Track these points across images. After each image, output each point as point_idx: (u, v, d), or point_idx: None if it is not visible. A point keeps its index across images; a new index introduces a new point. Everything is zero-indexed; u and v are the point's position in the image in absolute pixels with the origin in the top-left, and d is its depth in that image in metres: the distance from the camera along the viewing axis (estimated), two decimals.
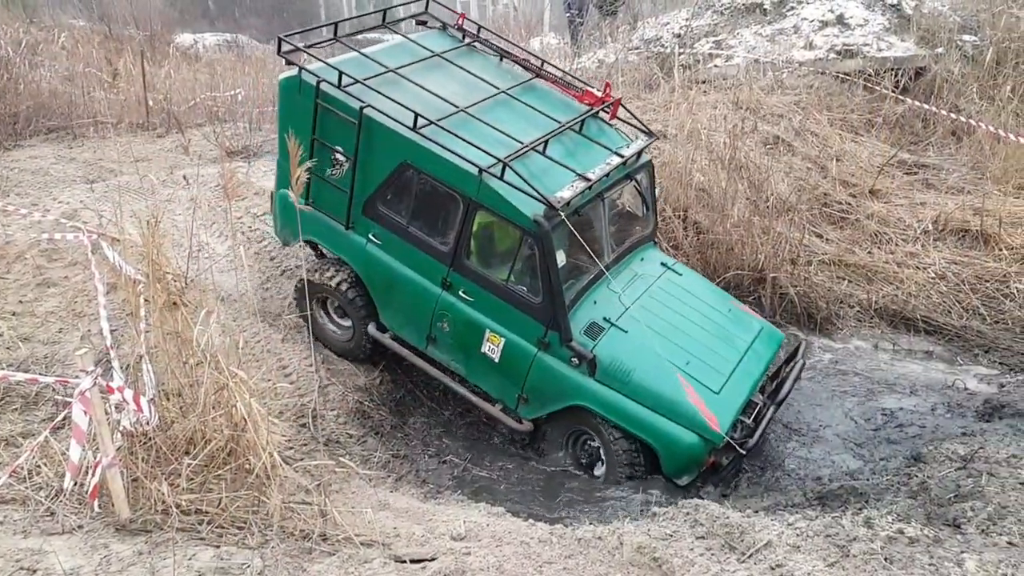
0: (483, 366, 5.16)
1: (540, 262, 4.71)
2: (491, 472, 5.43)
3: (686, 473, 4.87)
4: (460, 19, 6.21)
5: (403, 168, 4.98)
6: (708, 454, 4.79)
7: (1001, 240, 7.32)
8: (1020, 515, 3.33)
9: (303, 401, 5.29)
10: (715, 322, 5.32)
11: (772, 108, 9.37)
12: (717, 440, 4.72)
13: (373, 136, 4.98)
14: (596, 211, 5.12)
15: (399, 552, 3.67)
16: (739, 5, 11.86)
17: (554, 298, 4.76)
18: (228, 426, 3.98)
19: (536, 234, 4.64)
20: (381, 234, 5.26)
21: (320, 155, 5.22)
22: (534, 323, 4.89)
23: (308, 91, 5.08)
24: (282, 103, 5.47)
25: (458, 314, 5.09)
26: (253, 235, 6.85)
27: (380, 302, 5.49)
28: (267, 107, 10.19)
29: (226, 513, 3.74)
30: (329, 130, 5.15)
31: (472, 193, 4.78)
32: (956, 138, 9.46)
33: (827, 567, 3.04)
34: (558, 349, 4.88)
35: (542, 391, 5.05)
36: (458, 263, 5.01)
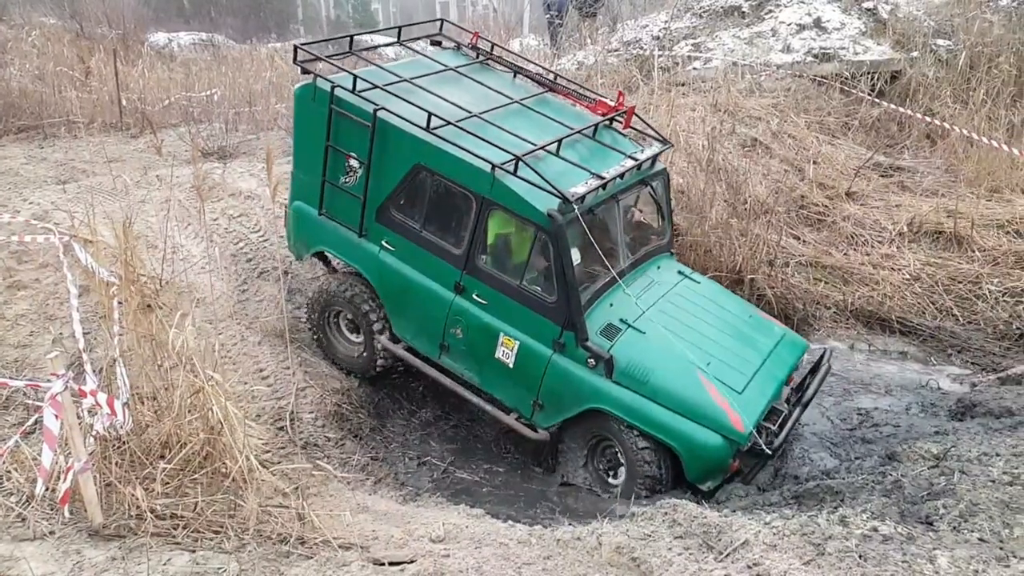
0: (497, 373, 5.04)
1: (554, 258, 4.64)
2: (474, 475, 5.43)
3: (710, 478, 4.68)
4: (474, 37, 6.28)
5: (416, 171, 4.98)
6: (733, 457, 4.60)
7: (974, 242, 7.43)
8: (991, 512, 3.38)
9: (280, 404, 5.25)
10: (736, 327, 5.19)
11: (750, 111, 9.45)
12: (742, 441, 4.53)
13: (387, 139, 4.99)
14: (611, 213, 5.06)
15: (377, 555, 3.65)
16: (718, 8, 11.95)
17: (569, 296, 4.66)
18: (204, 429, 3.95)
19: (550, 229, 4.59)
20: (394, 240, 5.24)
21: (334, 162, 5.27)
22: (549, 324, 4.79)
23: (323, 98, 5.13)
24: (297, 113, 5.50)
25: (471, 319, 5.02)
26: (229, 237, 6.78)
27: (393, 311, 5.43)
28: (243, 107, 10.11)
29: (202, 517, 3.70)
30: (343, 136, 5.17)
31: (485, 191, 4.74)
32: (930, 141, 9.60)
33: (803, 565, 3.06)
34: (574, 350, 4.77)
35: (558, 396, 4.90)
36: (471, 266, 4.96)
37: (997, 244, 7.37)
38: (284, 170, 7.93)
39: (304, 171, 5.53)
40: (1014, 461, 3.92)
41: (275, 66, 12.58)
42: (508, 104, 5.33)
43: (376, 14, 34.63)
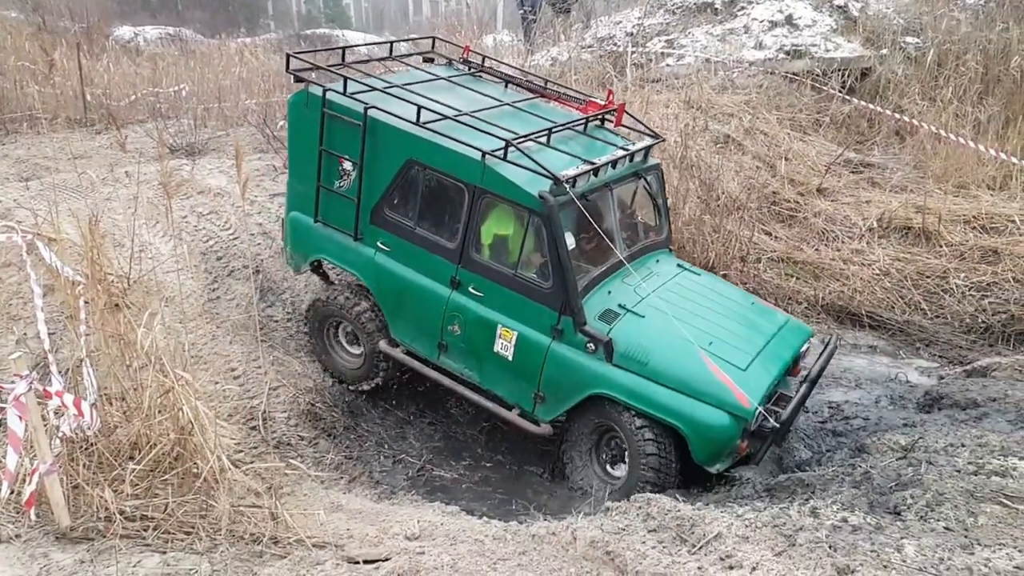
0: (496, 368, 5.00)
1: (548, 241, 4.62)
2: (451, 472, 5.42)
3: (718, 459, 4.54)
4: (465, 51, 6.33)
5: (408, 166, 5.00)
6: (741, 436, 4.48)
7: (941, 237, 7.57)
8: (956, 501, 3.44)
9: (252, 403, 5.20)
10: (738, 312, 5.15)
11: (723, 107, 9.53)
12: (749, 416, 4.40)
13: (378, 137, 5.02)
14: (604, 201, 5.03)
15: (352, 553, 3.63)
16: (691, 5, 12.03)
17: (565, 279, 4.62)
18: (174, 430, 3.89)
19: (542, 212, 4.58)
20: (389, 241, 5.23)
21: (328, 167, 5.30)
22: (546, 311, 4.74)
23: (315, 103, 5.19)
24: (291, 122, 5.54)
25: (468, 313, 4.99)
26: (199, 235, 6.69)
27: (390, 313, 5.39)
28: (212, 103, 9.98)
29: (173, 518, 3.64)
30: (336, 139, 5.20)
31: (476, 180, 4.74)
32: (900, 138, 9.76)
33: (774, 556, 3.10)
34: (572, 336, 4.71)
35: (558, 384, 4.83)
36: (466, 259, 4.94)
37: (964, 239, 7.50)
38: (254, 167, 7.87)
39: (299, 180, 5.56)
40: (979, 451, 4.00)
41: (245, 61, 12.41)
42: (499, 106, 5.36)
43: (348, 9, 34.38)
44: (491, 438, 5.78)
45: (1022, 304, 6.74)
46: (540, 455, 5.53)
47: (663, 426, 4.58)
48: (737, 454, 4.56)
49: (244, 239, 6.70)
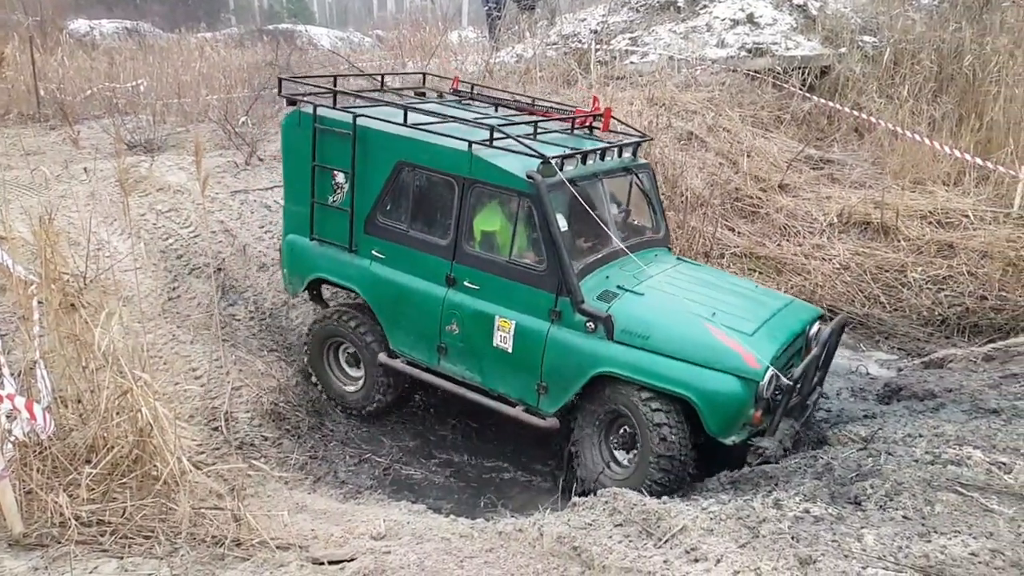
0: (497, 364, 4.93)
1: (539, 220, 4.61)
2: (420, 470, 5.39)
3: (732, 429, 4.37)
4: (454, 83, 6.41)
5: (399, 169, 5.05)
6: (755, 402, 4.32)
7: (899, 232, 7.73)
8: (914, 491, 3.51)
9: (214, 404, 5.11)
10: (740, 292, 5.12)
11: (686, 105, 9.62)
12: (759, 377, 4.26)
13: (368, 144, 5.09)
14: (595, 190, 5.02)
15: (317, 554, 3.58)
16: (654, 3, 12.12)
17: (559, 255, 4.59)
18: (132, 432, 3.80)
19: (531, 192, 4.58)
20: (384, 248, 5.23)
21: (321, 182, 5.35)
22: (543, 294, 4.69)
23: (307, 121, 5.28)
24: (285, 143, 5.60)
25: (466, 309, 4.95)
26: (158, 232, 6.55)
27: (388, 323, 5.34)
28: (172, 99, 9.79)
29: (131, 523, 3.56)
30: (328, 152, 5.27)
31: (465, 171, 4.78)
32: (858, 135, 9.95)
33: (739, 548, 3.13)
34: (571, 317, 4.63)
35: (560, 371, 4.72)
36: (460, 253, 4.93)
37: (920, 234, 7.67)
38: (215, 163, 7.74)
39: (295, 202, 5.58)
40: (935, 441, 4.09)
41: (206, 56, 12.20)
42: (487, 118, 5.38)
43: (311, 4, 33.98)
44: (462, 436, 5.76)
45: (976, 297, 6.91)
46: (512, 452, 5.52)
47: (672, 400, 4.44)
48: (752, 424, 4.40)
49: (205, 237, 6.59)
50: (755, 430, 4.45)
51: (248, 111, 8.65)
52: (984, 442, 3.95)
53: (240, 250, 6.67)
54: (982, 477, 3.61)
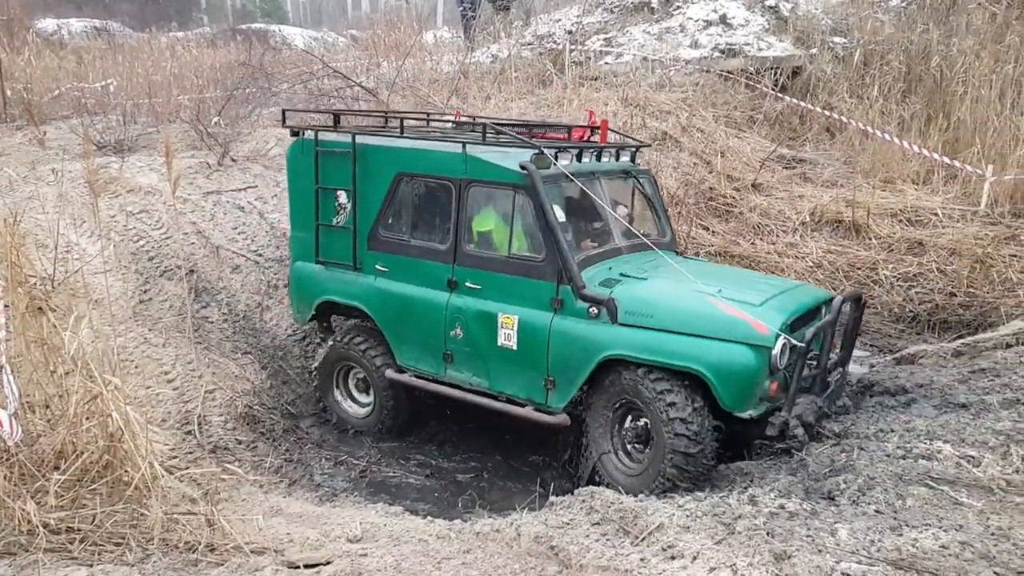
0: (503, 363, 4.89)
1: (535, 209, 4.63)
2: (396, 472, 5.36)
3: (748, 402, 4.22)
4: (456, 115, 6.54)
5: (398, 180, 5.16)
6: (769, 372, 4.20)
7: (870, 230, 7.83)
8: (886, 485, 3.56)
9: (187, 407, 5.04)
10: (747, 277, 5.05)
11: (660, 105, 9.67)
12: (770, 343, 4.15)
13: (368, 160, 5.24)
14: (593, 188, 5.03)
15: (292, 558, 3.55)
16: (628, 4, 12.18)
17: (557, 242, 4.59)
18: (102, 437, 3.74)
19: (525, 183, 4.63)
20: (386, 261, 5.30)
21: (325, 204, 5.48)
22: (544, 284, 4.68)
23: (309, 147, 5.46)
24: (290, 171, 5.75)
25: (469, 311, 4.95)
26: (129, 234, 6.45)
27: (394, 337, 5.34)
28: (142, 99, 9.64)
29: (101, 529, 3.50)
30: (330, 173, 5.41)
31: (460, 172, 4.87)
32: (830, 134, 10.06)
33: (714, 545, 3.15)
34: (573, 305, 4.60)
35: (566, 361, 4.65)
36: (460, 255, 4.96)
37: (891, 232, 7.78)
38: (187, 164, 7.64)
39: (301, 228, 5.69)
40: (907, 436, 4.15)
41: (177, 56, 12.04)
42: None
43: (284, 4, 33.71)
44: (440, 437, 5.74)
45: (945, 294, 7.02)
46: (492, 453, 5.51)
47: (684, 382, 4.32)
48: (768, 397, 4.27)
49: (177, 238, 6.50)
50: (773, 404, 4.31)
51: (221, 111, 8.55)
52: (954, 436, 4.01)
53: (213, 252, 6.59)
54: (952, 471, 3.67)
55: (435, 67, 11.46)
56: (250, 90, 9.09)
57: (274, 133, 8.63)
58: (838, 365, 4.96)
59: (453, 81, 10.43)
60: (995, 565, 2.78)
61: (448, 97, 9.86)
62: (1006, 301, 6.50)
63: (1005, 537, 2.96)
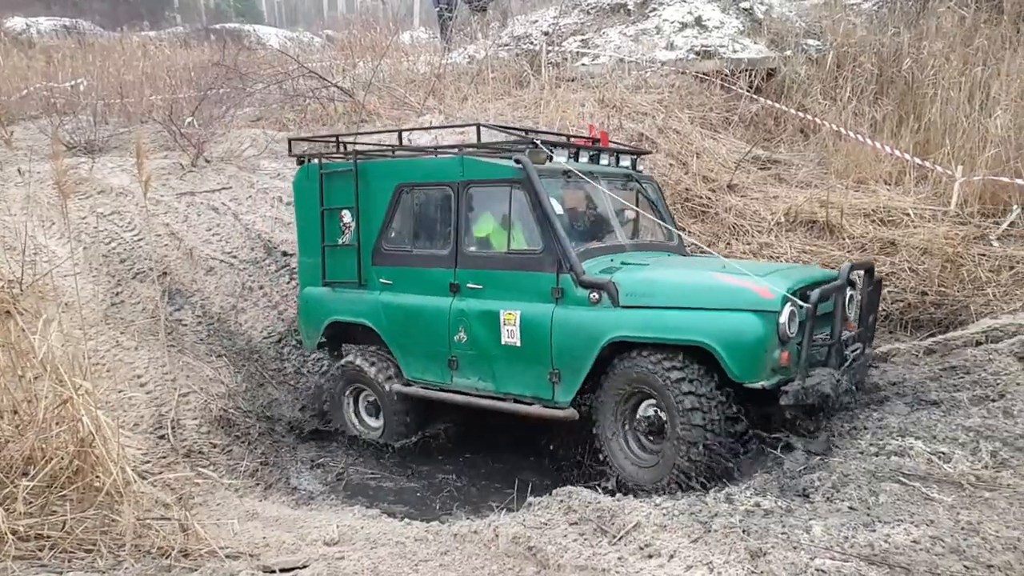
0: (508, 363, 4.86)
1: (531, 200, 4.66)
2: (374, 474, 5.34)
3: (759, 371, 4.08)
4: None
5: (399, 192, 5.27)
6: (778, 341, 4.09)
7: (844, 230, 7.91)
8: (859, 482, 3.61)
9: (161, 411, 4.98)
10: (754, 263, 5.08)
11: (637, 106, 9.71)
12: (775, 306, 4.07)
13: (369, 177, 5.38)
14: (593, 188, 5.08)
15: (268, 562, 3.51)
16: (604, 5, 12.21)
17: (554, 231, 4.59)
18: (73, 442, 3.67)
19: (520, 176, 4.68)
20: (390, 274, 5.37)
21: (330, 225, 5.61)
22: (543, 276, 4.67)
23: (314, 172, 5.64)
24: (297, 197, 5.93)
25: (471, 313, 4.94)
26: (100, 236, 6.36)
27: (400, 350, 5.34)
28: (114, 99, 9.50)
29: (72, 536, 3.44)
30: (334, 194, 5.56)
31: (458, 176, 4.95)
32: (804, 135, 10.16)
33: (691, 543, 3.17)
34: (574, 293, 4.57)
35: (570, 350, 4.59)
36: (461, 257, 5.00)
37: (864, 232, 7.87)
38: (160, 165, 7.55)
39: (308, 253, 5.80)
40: (879, 433, 4.20)
41: (149, 55, 11.89)
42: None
43: (259, 3, 33.43)
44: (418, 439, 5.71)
45: (917, 293, 7.12)
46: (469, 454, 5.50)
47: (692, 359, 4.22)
48: (780, 367, 4.15)
49: (149, 240, 6.41)
50: (787, 376, 4.19)
51: (194, 112, 8.45)
52: (925, 433, 4.07)
53: (187, 253, 6.52)
54: (923, 467, 3.73)
55: (412, 67, 11.42)
56: (224, 90, 8.99)
57: (248, 134, 8.55)
58: (857, 341, 4.79)
59: (429, 82, 10.40)
60: (965, 559, 2.83)
61: (424, 98, 9.84)
62: (976, 300, 6.60)
63: (974, 531, 3.01)
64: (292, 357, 6.26)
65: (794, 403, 4.09)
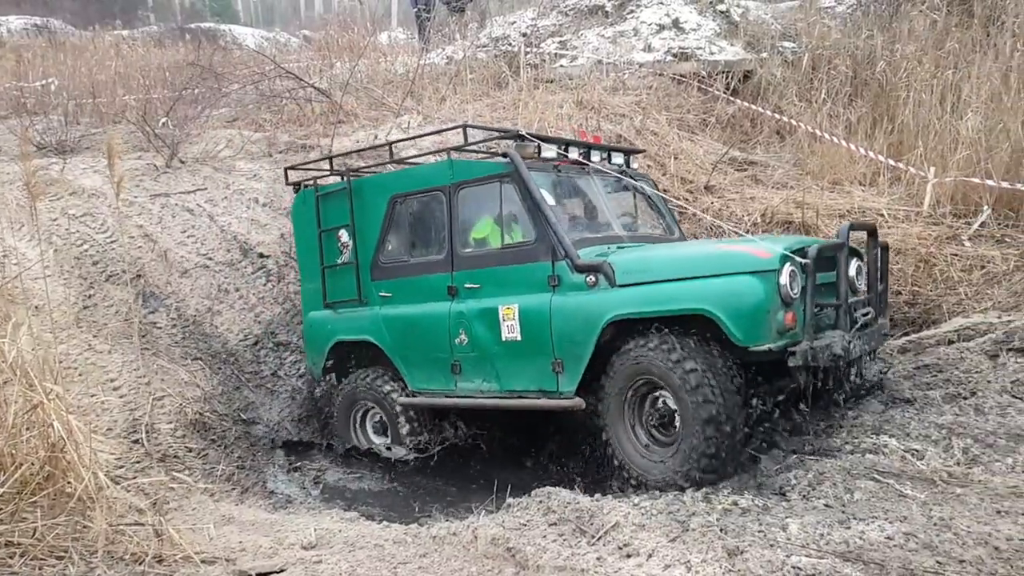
0: (510, 360, 4.81)
1: (521, 192, 4.68)
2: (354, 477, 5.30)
3: (764, 333, 3.95)
4: None
5: (393, 203, 5.33)
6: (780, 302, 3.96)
7: (819, 231, 7.98)
8: (835, 479, 3.65)
9: (135, 415, 4.91)
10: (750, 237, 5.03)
11: (615, 108, 9.74)
12: (774, 264, 3.97)
13: (363, 193, 5.46)
14: (588, 184, 5.13)
15: (244, 567, 3.48)
16: (582, 7, 12.25)
17: (545, 218, 4.58)
18: (44, 448, 3.61)
19: (508, 170, 4.71)
20: (389, 287, 5.39)
21: (328, 247, 5.66)
22: (538, 266, 4.65)
23: (310, 196, 5.74)
24: (296, 223, 6.04)
25: (471, 313, 4.92)
26: (72, 238, 6.25)
27: (404, 363, 5.31)
28: (86, 99, 9.36)
29: (43, 543, 3.38)
30: (330, 215, 5.63)
31: (448, 180, 5.00)
32: (780, 137, 10.25)
33: (669, 542, 3.18)
34: (570, 278, 4.53)
35: (570, 336, 4.52)
36: (457, 259, 5.01)
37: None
38: (134, 166, 7.44)
39: (309, 279, 5.85)
40: (854, 431, 4.26)
41: (122, 55, 11.73)
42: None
43: (235, 3, 33.14)
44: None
45: (892, 292, 7.20)
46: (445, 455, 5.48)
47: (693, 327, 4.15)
48: (786, 329, 4.00)
49: (123, 242, 6.32)
50: (794, 338, 4.03)
51: (169, 112, 8.34)
52: (899, 431, 4.13)
53: (161, 255, 6.44)
54: (897, 464, 3.78)
55: (389, 68, 11.37)
56: (199, 91, 8.88)
57: (224, 135, 8.47)
58: (867, 305, 4.67)
59: (407, 83, 10.36)
60: (937, 554, 2.86)
61: (403, 99, 9.80)
62: (948, 299, 6.69)
63: (947, 527, 3.05)
64: (269, 360, 6.20)
65: (803, 364, 3.96)
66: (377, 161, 6.00)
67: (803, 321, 4.04)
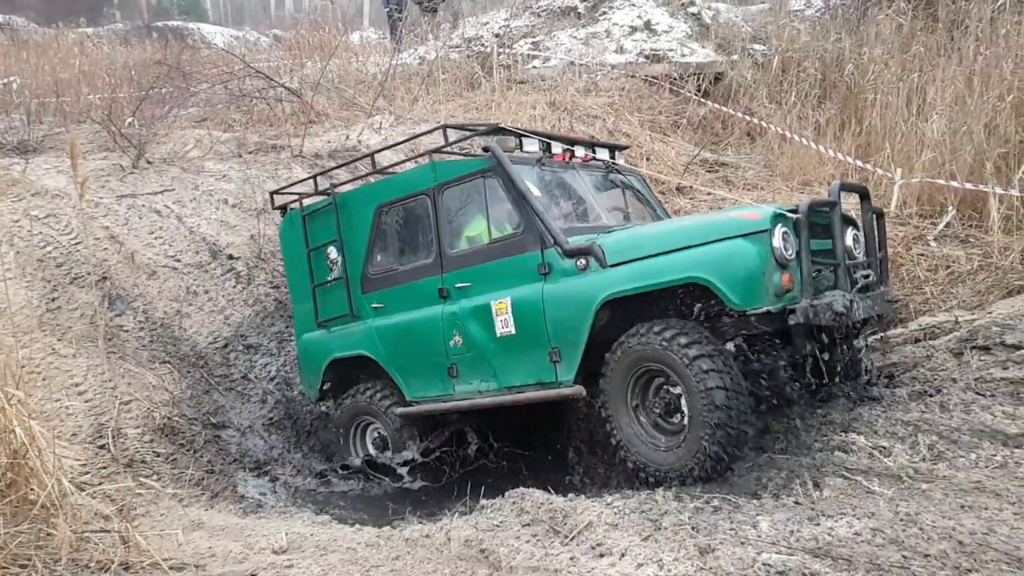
0: (506, 355, 4.73)
1: (504, 184, 4.66)
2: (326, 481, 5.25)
3: (760, 294, 3.86)
4: None
5: (379, 213, 5.30)
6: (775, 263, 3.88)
7: None
8: (804, 477, 3.70)
9: (101, 420, 4.82)
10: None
11: (587, 109, 9.78)
12: (765, 225, 3.91)
13: (349, 206, 5.44)
14: (574, 178, 5.09)
15: (214, 572, 3.44)
16: (555, 8, 12.29)
17: (531, 206, 4.54)
18: (6, 454, 3.53)
19: (490, 164, 4.70)
20: (380, 298, 5.31)
21: (318, 265, 5.63)
22: (528, 256, 4.60)
23: (296, 217, 5.73)
24: (284, 246, 6.04)
25: (463, 313, 4.85)
26: (34, 240, 6.12)
27: (400, 373, 5.21)
28: (49, 98, 9.17)
29: (5, 551, 3.30)
30: (317, 233, 5.61)
31: (431, 182, 4.99)
32: (751, 138, 10.36)
33: (642, 541, 3.19)
34: (560, 265, 4.49)
35: (565, 322, 4.45)
36: (446, 261, 4.96)
37: None
38: (99, 166, 7.31)
39: (300, 299, 5.79)
40: (823, 429, 4.31)
41: (87, 53, 11.52)
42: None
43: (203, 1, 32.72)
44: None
45: None
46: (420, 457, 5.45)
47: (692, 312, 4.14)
48: (783, 291, 3.90)
49: (88, 244, 6.20)
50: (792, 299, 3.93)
51: (135, 111, 8.21)
52: (867, 428, 4.19)
53: (128, 257, 6.33)
54: (865, 461, 3.83)
55: (361, 68, 11.30)
56: (167, 90, 8.74)
57: (193, 135, 8.35)
58: (867, 267, 4.60)
59: (379, 83, 10.31)
60: (903, 549, 2.91)
61: (375, 99, 9.75)
62: (914, 298, 6.80)
63: (913, 522, 3.10)
64: (239, 363, 6.12)
65: (804, 321, 3.88)
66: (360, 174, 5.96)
67: (800, 281, 3.97)
